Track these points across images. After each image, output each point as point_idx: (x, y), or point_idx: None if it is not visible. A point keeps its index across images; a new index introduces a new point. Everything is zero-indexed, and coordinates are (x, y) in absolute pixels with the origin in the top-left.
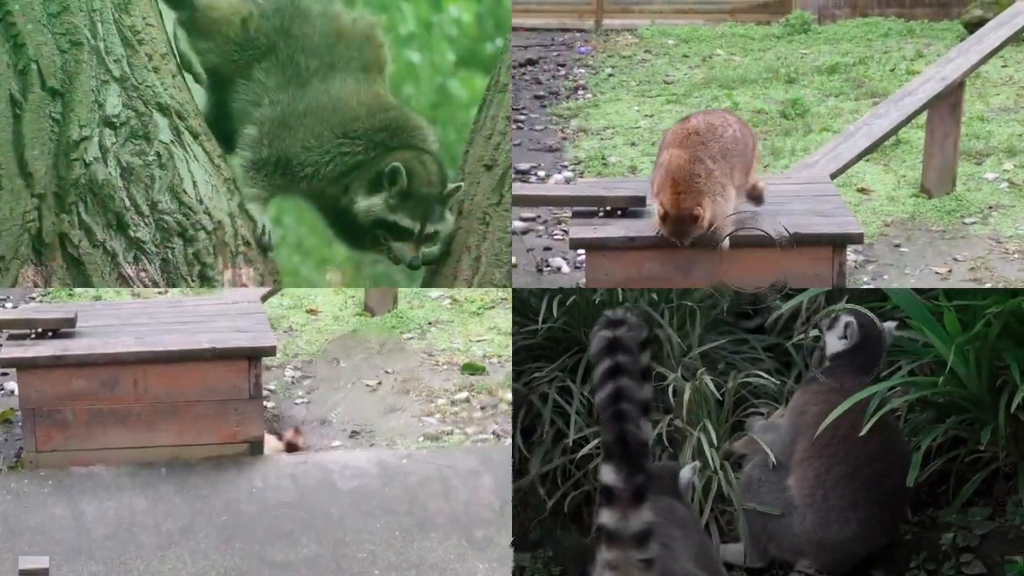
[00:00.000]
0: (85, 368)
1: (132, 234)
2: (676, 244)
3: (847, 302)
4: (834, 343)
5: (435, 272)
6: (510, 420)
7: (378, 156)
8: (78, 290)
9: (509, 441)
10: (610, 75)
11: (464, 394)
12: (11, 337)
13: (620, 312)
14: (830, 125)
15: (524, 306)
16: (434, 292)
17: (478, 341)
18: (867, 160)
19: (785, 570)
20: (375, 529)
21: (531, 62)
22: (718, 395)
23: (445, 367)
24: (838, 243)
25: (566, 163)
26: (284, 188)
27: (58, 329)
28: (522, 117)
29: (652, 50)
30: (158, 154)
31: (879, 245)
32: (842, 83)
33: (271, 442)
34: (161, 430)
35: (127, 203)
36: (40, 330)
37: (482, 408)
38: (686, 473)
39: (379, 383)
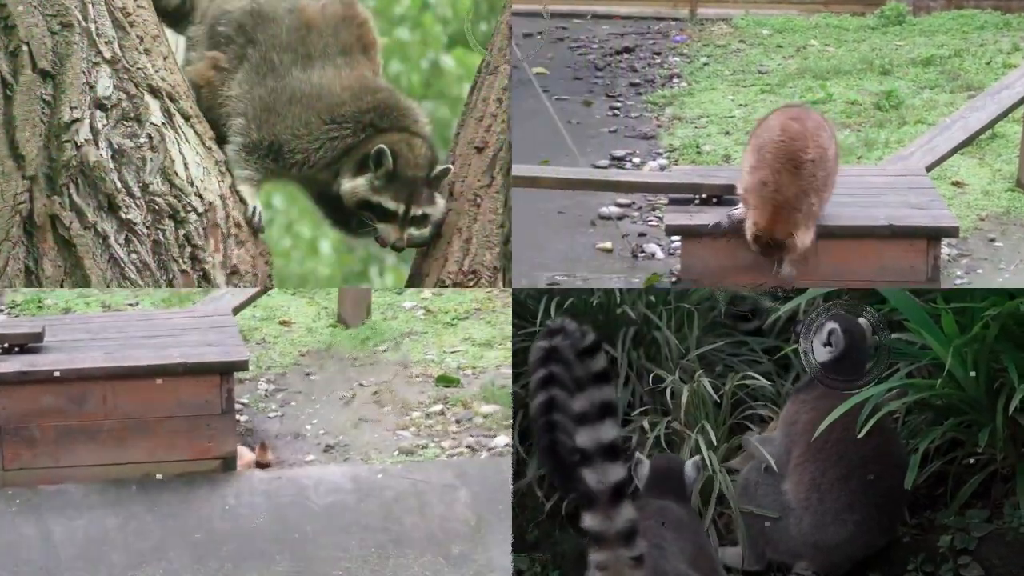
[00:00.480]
0: (53, 384)
1: (123, 216)
2: None
3: (836, 305)
4: (819, 351)
5: (425, 254)
6: (485, 433)
7: (367, 138)
8: (48, 302)
9: (485, 455)
10: (705, 64)
11: (439, 407)
12: None
13: (560, 321)
14: (924, 117)
15: (522, 308)
16: (407, 302)
17: (452, 352)
18: (962, 154)
19: (783, 573)
20: (350, 546)
21: (627, 50)
22: (716, 397)
23: (419, 379)
24: (933, 236)
25: (661, 150)
26: (276, 173)
27: (25, 344)
28: (618, 104)
29: (746, 40)
30: (149, 136)
31: (973, 239)
32: (937, 75)
33: (245, 455)
34: (132, 447)
35: (118, 185)
36: (7, 345)
37: (457, 421)
38: (690, 471)
39: (353, 396)
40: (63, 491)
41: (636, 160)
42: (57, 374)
